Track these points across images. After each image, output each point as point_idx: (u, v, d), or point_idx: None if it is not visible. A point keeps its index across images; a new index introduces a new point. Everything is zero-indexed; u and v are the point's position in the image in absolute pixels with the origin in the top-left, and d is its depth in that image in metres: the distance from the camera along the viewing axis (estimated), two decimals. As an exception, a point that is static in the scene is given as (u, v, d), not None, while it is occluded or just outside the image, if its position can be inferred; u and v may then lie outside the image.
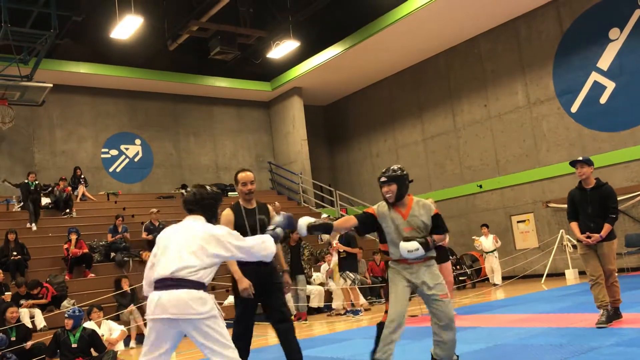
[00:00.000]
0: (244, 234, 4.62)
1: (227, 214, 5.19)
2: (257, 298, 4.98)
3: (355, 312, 10.87)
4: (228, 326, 3.70)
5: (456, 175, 17.24)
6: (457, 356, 4.67)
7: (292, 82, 18.85)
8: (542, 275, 13.65)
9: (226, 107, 19.57)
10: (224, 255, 3.68)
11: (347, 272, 11.17)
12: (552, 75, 14.84)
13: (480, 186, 16.47)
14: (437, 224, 4.65)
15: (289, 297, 11.29)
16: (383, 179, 4.75)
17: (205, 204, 3.93)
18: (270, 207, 5.41)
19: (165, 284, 3.54)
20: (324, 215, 16.51)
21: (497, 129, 16.17)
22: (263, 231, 4.66)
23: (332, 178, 21.01)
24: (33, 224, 13.33)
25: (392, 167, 4.81)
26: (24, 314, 9.34)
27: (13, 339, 7.41)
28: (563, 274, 13.55)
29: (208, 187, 4.07)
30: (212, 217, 3.95)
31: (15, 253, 11.08)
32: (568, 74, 14.49)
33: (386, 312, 4.63)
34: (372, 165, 20.00)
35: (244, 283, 4.88)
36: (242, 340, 4.95)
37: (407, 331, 7.57)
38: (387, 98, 19.31)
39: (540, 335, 6.07)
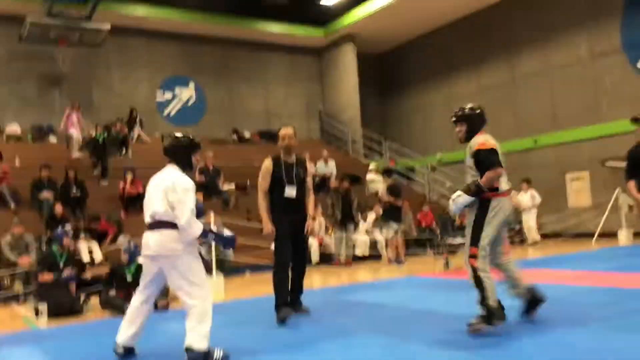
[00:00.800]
0: (281, 182, 5.58)
1: (266, 164, 5.74)
2: (291, 240, 5.56)
3: (399, 262, 10.97)
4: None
5: (511, 129, 16.80)
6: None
7: (346, 28, 18.54)
8: (593, 235, 13.34)
9: (278, 54, 19.48)
10: (173, 205, 4.05)
11: (391, 222, 11.23)
12: (619, 27, 14.08)
13: (536, 141, 16.03)
14: (477, 160, 4.42)
15: (331, 242, 11.48)
16: (453, 118, 4.70)
17: (178, 153, 4.30)
18: (308, 162, 5.94)
19: (150, 227, 4.16)
20: (372, 166, 16.48)
21: (557, 82, 15.58)
22: (298, 183, 5.60)
23: (382, 129, 20.81)
24: (103, 180, 13.02)
25: (464, 106, 4.72)
26: (83, 247, 9.83)
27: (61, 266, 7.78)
28: (615, 235, 13.20)
29: (181, 136, 4.41)
30: (186, 166, 4.33)
31: (74, 189, 11.57)
32: (636, 26, 13.72)
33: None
34: (425, 117, 19.70)
35: (267, 228, 5.58)
36: (280, 279, 5.56)
37: (452, 283, 7.62)
38: (443, 47, 18.79)
39: (586, 293, 6.00)
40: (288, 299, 5.60)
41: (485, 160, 4.37)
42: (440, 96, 19.10)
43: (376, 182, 15.67)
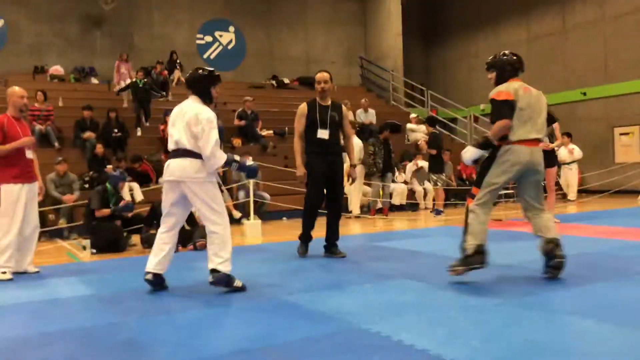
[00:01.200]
0: (315, 125, 5.78)
1: (301, 107, 5.96)
2: (323, 184, 5.84)
3: (438, 212, 10.87)
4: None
5: (559, 80, 16.21)
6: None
7: (391, -28, 17.96)
8: (639, 192, 12.93)
9: (321, -2, 19.06)
10: (197, 136, 4.24)
11: (431, 174, 11.09)
12: (683, -27, 13.25)
13: (585, 94, 15.45)
14: (494, 111, 4.32)
15: (367, 190, 11.42)
16: (485, 66, 4.68)
17: (198, 86, 4.49)
18: (344, 107, 6.05)
19: (173, 154, 4.38)
20: (413, 115, 16.20)
21: (610, 32, 14.85)
22: (332, 126, 5.78)
23: (424, 77, 20.35)
24: (138, 129, 12.84)
25: (497, 53, 4.62)
26: (125, 187, 10.02)
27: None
28: (663, 192, 12.79)
29: (201, 70, 4.64)
30: (206, 97, 4.49)
31: (116, 130, 11.73)
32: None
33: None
34: (469, 66, 19.15)
35: (300, 170, 5.85)
36: (307, 217, 5.97)
37: (490, 233, 7.52)
38: (492, -7, 18.06)
39: (630, 247, 5.84)
40: (309, 237, 6.03)
41: (495, 111, 4.29)
42: (486, 45, 18.48)
43: (416, 132, 15.44)
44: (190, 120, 4.27)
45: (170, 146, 4.43)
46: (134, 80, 13.38)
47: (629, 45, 14.42)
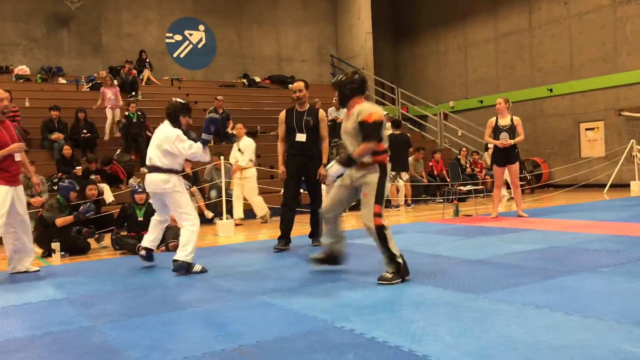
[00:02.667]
0: (293, 131, 6.39)
1: (281, 115, 6.60)
2: (296, 183, 6.55)
3: (408, 205, 11.21)
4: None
5: (526, 77, 16.50)
6: None
7: (360, -30, 18.04)
8: (605, 186, 13.25)
9: (291, -4, 19.04)
10: (172, 151, 5.27)
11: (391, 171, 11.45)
12: (644, -28, 13.59)
13: (551, 90, 15.75)
14: (365, 133, 4.39)
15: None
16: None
17: (169, 113, 5.47)
18: (321, 112, 6.55)
19: (149, 169, 5.48)
20: (384, 113, 16.29)
21: (575, 30, 15.17)
22: (308, 130, 6.37)
23: (395, 75, 20.50)
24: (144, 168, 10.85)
25: (341, 74, 4.90)
26: (93, 190, 9.86)
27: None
28: (628, 185, 13.11)
29: (173, 100, 5.59)
30: (174, 122, 5.42)
31: (85, 131, 11.56)
32: (663, -30, 13.23)
33: None
34: (438, 63, 19.34)
35: (280, 169, 6.54)
36: (282, 214, 6.55)
37: (461, 229, 7.64)
38: (460, -9, 18.28)
39: (597, 241, 5.98)
40: (287, 233, 6.49)
41: (370, 133, 4.35)
42: (455, 43, 18.71)
43: (388, 130, 15.55)
44: (161, 141, 5.30)
45: (147, 162, 5.50)
46: (126, 114, 12.35)
47: (593, 42, 14.75)
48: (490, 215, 8.85)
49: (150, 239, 5.85)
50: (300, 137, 6.34)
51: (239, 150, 10.40)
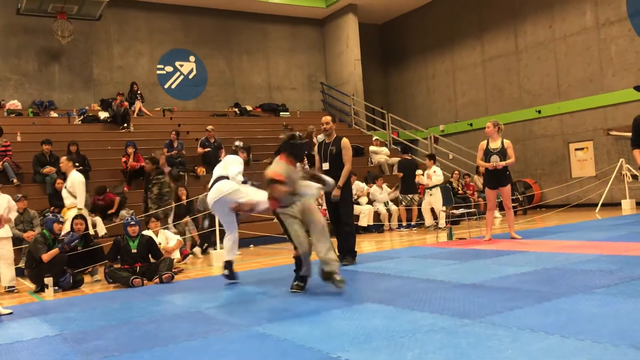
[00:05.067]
0: (321, 160, 7.31)
1: (315, 147, 7.66)
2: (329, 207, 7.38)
3: (407, 227, 11.67)
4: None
5: (514, 99, 16.69)
6: None
7: (348, -2, 18.33)
8: (596, 205, 13.33)
9: (280, 25, 19.26)
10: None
11: (402, 194, 12.64)
12: (625, -5, 13.87)
13: (539, 112, 15.92)
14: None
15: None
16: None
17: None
18: (344, 140, 7.25)
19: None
20: (374, 139, 16.42)
21: (561, 52, 15.41)
22: (331, 158, 7.17)
23: (384, 100, 20.68)
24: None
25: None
26: (85, 223, 9.82)
27: (80, 248, 7.76)
28: (619, 204, 13.19)
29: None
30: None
31: (77, 164, 11.55)
32: (644, -7, 13.51)
33: None
34: (427, 88, 19.55)
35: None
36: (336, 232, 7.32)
37: (455, 253, 7.64)
38: (447, 17, 18.56)
39: (591, 261, 5.99)
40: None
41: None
42: (443, 67, 18.94)
43: (379, 154, 15.65)
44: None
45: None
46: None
47: (578, 63, 14.97)
48: (483, 238, 8.86)
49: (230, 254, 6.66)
50: (325, 166, 7.19)
51: (67, 190, 9.08)
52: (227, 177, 6.45)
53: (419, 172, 12.70)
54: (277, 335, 3.83)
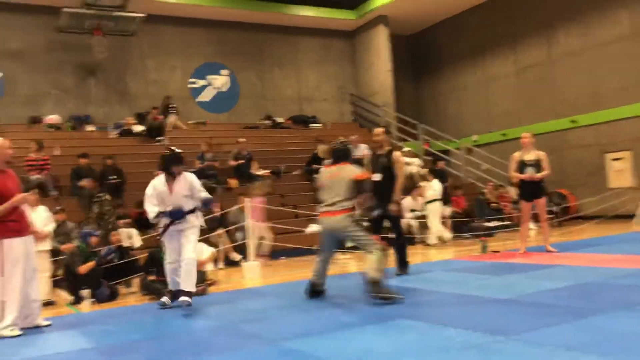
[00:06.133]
0: (374, 172, 7.15)
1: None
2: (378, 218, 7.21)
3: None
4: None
5: (549, 109, 16.43)
6: None
7: (378, 10, 18.31)
8: (633, 216, 12.99)
9: (310, 38, 19.38)
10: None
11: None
12: (663, 1, 13.58)
13: (574, 121, 15.64)
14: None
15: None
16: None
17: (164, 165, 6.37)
18: (395, 153, 7.37)
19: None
20: (406, 149, 16.33)
21: (596, 60, 15.12)
22: (382, 170, 7.16)
23: (416, 111, 20.58)
24: None
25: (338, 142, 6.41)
26: (123, 234, 10.01)
27: (115, 260, 7.90)
28: (659, 216, 12.83)
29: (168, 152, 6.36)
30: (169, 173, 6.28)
31: (114, 176, 11.81)
32: (682, -1, 13.20)
33: None
34: (459, 98, 19.40)
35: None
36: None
37: (488, 266, 7.55)
38: (479, 27, 18.42)
39: (629, 276, 5.85)
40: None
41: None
42: (475, 77, 18.78)
43: (411, 165, 15.54)
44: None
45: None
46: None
47: (615, 72, 14.67)
48: (518, 251, 8.73)
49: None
50: (376, 177, 7.13)
51: None
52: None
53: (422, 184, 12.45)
54: (308, 351, 3.84)
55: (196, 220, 6.35)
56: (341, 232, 5.83)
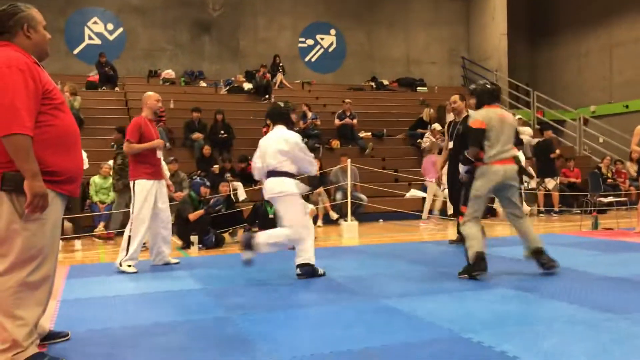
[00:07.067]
0: (449, 139, 7.18)
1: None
2: (450, 185, 7.12)
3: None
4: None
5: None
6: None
7: (496, -31, 17.45)
8: None
9: (422, -3, 18.86)
10: (290, 155, 5.09)
11: (541, 177, 11.84)
12: None
13: None
14: (469, 136, 5.14)
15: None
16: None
17: (280, 117, 5.31)
18: (470, 120, 6.77)
19: (267, 175, 5.20)
20: (518, 117, 15.61)
21: None
22: (456, 137, 6.91)
23: (530, 77, 19.58)
24: None
25: (477, 82, 5.51)
26: (225, 188, 10.42)
27: (223, 210, 8.30)
28: None
29: (280, 103, 5.50)
30: (289, 125, 5.33)
31: (222, 132, 12.26)
32: None
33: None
34: (578, 65, 18.21)
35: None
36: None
37: (599, 243, 7.15)
38: (605, -12, 17.06)
39: None
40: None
41: (470, 137, 5.02)
42: (598, 44, 17.49)
43: (522, 135, 14.88)
44: (284, 144, 5.10)
45: (262, 171, 5.28)
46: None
47: None
48: (634, 230, 8.19)
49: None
50: (451, 144, 7.13)
51: None
52: None
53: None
54: (406, 310, 3.85)
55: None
56: (511, 185, 4.98)
